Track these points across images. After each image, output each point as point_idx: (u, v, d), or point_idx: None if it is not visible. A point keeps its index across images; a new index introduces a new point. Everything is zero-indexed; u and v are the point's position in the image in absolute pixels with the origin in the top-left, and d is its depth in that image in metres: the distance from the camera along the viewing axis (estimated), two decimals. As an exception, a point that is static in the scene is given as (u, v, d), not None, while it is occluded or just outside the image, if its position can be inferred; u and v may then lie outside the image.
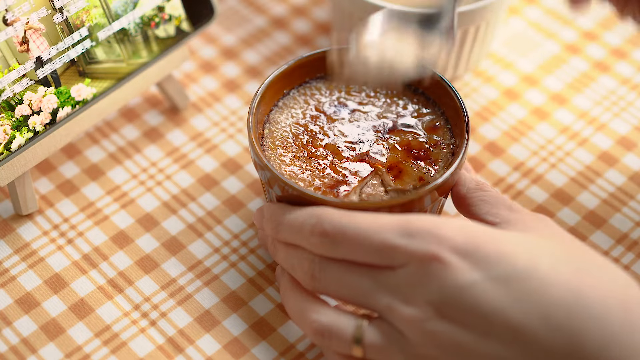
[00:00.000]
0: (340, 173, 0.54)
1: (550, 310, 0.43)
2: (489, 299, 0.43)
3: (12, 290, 0.56)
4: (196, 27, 0.63)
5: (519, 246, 0.45)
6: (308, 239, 0.48)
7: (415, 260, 0.45)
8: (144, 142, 0.65)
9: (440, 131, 0.56)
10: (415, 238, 0.45)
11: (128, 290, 0.56)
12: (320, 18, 0.75)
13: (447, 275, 0.44)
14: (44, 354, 0.53)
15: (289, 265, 0.50)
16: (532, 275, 0.44)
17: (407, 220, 0.46)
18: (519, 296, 0.43)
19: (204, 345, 0.54)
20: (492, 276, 0.44)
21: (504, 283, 0.43)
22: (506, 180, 0.63)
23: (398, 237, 0.45)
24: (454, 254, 0.44)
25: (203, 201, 0.61)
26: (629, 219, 0.61)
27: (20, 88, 0.55)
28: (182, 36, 0.62)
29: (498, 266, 0.44)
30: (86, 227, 0.59)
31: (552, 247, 0.46)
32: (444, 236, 0.45)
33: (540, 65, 0.71)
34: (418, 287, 0.45)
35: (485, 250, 0.44)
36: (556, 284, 0.43)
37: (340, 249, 0.47)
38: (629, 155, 0.65)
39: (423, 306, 0.44)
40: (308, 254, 0.48)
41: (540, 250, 0.45)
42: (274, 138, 0.56)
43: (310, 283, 0.48)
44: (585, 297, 0.43)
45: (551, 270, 0.44)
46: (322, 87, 0.58)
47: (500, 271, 0.44)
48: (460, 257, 0.44)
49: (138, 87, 0.62)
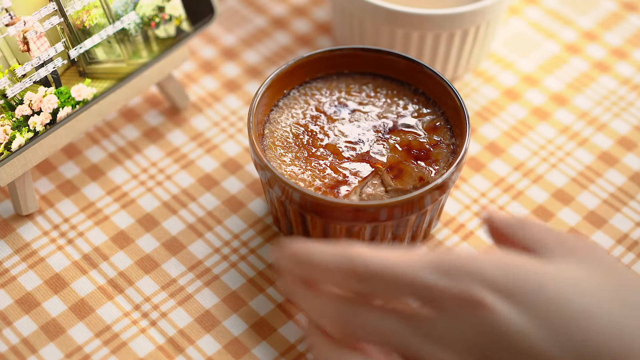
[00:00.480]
0: (341, 173, 0.54)
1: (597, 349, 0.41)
2: (534, 340, 0.41)
3: (13, 291, 0.56)
4: (196, 27, 0.63)
5: (561, 280, 0.42)
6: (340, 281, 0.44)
7: (452, 302, 0.42)
8: (144, 142, 0.65)
9: (441, 131, 0.56)
10: (450, 276, 0.42)
11: (128, 290, 0.56)
12: (320, 18, 0.75)
13: (489, 317, 0.41)
14: (44, 354, 0.53)
15: (315, 311, 0.45)
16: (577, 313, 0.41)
17: (440, 257, 0.43)
18: (565, 336, 0.41)
19: (204, 346, 0.54)
20: (536, 316, 0.41)
21: (548, 323, 0.41)
22: (506, 181, 0.63)
23: (432, 275, 0.42)
24: (493, 294, 0.41)
25: (203, 201, 0.61)
26: (629, 219, 0.61)
27: (21, 88, 0.55)
28: (182, 36, 0.62)
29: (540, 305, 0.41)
30: (86, 227, 0.59)
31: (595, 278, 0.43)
32: (480, 273, 0.42)
33: (541, 66, 0.71)
34: (459, 331, 0.42)
35: (526, 287, 0.41)
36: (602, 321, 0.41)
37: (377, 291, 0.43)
38: (629, 155, 0.65)
39: (464, 351, 0.42)
40: (337, 299, 0.45)
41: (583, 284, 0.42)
42: (274, 138, 0.56)
43: (341, 330, 0.44)
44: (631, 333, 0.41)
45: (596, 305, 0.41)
46: (322, 87, 0.58)
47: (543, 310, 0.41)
48: (500, 297, 0.41)
49: (138, 87, 0.62)
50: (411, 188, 0.53)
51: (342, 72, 0.59)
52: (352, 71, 0.59)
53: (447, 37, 0.64)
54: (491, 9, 0.63)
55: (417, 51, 0.65)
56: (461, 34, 0.64)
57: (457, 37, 0.64)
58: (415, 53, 0.65)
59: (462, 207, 0.61)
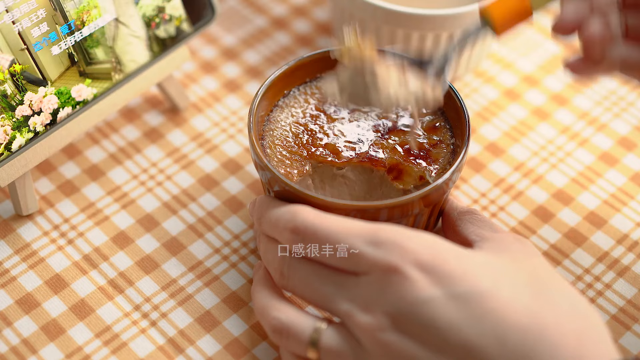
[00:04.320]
0: None
1: (506, 333, 0.43)
2: (446, 316, 0.43)
3: (13, 291, 0.56)
4: (196, 28, 0.63)
5: (484, 267, 0.45)
6: (281, 233, 0.48)
7: (377, 270, 0.45)
8: (144, 142, 0.65)
9: (441, 131, 0.56)
10: (381, 248, 0.45)
11: (128, 290, 0.56)
12: (321, 18, 0.75)
13: (406, 288, 0.44)
14: (44, 355, 0.53)
15: (265, 258, 0.51)
16: (492, 296, 0.44)
17: (377, 229, 0.46)
18: (477, 316, 0.43)
19: (205, 346, 0.54)
20: (452, 294, 0.44)
21: (463, 302, 0.43)
22: (506, 181, 0.63)
23: (365, 244, 0.46)
24: (415, 268, 0.44)
25: (203, 201, 0.61)
26: (629, 219, 0.61)
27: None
28: (182, 36, 0.62)
29: (459, 284, 0.44)
30: (86, 228, 0.59)
31: (519, 270, 0.46)
32: (409, 249, 0.45)
33: (541, 66, 0.71)
34: (377, 297, 0.45)
35: (449, 267, 0.45)
36: (515, 307, 0.43)
37: (309, 247, 0.47)
38: (629, 155, 0.65)
39: (380, 316, 0.44)
40: (282, 251, 0.49)
41: (505, 273, 0.45)
42: (274, 138, 0.56)
43: (279, 280, 0.49)
44: (542, 324, 0.43)
45: (512, 293, 0.44)
46: (322, 86, 0.58)
47: (461, 290, 0.44)
48: (422, 271, 0.44)
49: (138, 88, 0.62)
50: (412, 188, 0.53)
51: (342, 73, 0.59)
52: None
53: (447, 38, 0.64)
54: (491, 9, 0.63)
55: (417, 51, 0.65)
56: (461, 34, 0.64)
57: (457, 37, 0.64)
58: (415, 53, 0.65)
59: (462, 208, 0.61)
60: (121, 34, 0.55)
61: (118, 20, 0.55)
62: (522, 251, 0.48)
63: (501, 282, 0.45)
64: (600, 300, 0.56)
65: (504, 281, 0.45)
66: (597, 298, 0.56)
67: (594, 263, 0.58)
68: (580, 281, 0.57)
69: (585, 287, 0.57)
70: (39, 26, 0.55)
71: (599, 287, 0.57)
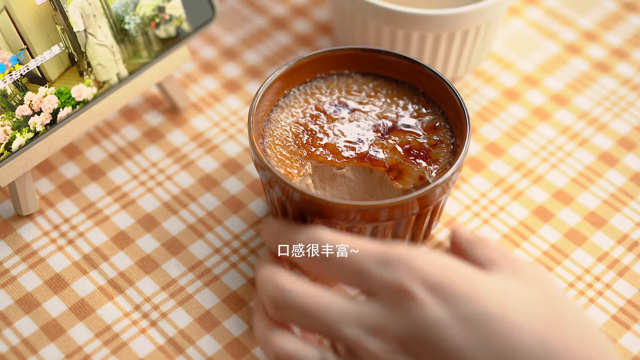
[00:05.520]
0: None
1: (513, 356, 0.42)
2: (453, 338, 0.43)
3: (13, 291, 0.56)
4: (196, 28, 0.63)
5: (494, 289, 0.45)
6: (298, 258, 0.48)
7: (386, 291, 0.44)
8: (144, 142, 0.65)
9: (440, 131, 0.56)
10: (389, 267, 0.45)
11: (128, 290, 0.56)
12: (321, 18, 0.75)
13: (415, 310, 0.43)
14: (44, 355, 0.53)
15: (260, 289, 0.49)
16: (501, 318, 0.43)
17: (387, 248, 0.46)
18: (484, 339, 0.43)
19: (205, 346, 0.54)
20: (460, 315, 0.43)
21: (471, 323, 0.43)
22: (506, 181, 0.63)
23: (375, 264, 0.45)
24: (424, 288, 0.44)
25: (203, 201, 0.61)
26: (629, 219, 0.61)
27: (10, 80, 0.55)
28: (182, 36, 0.62)
29: (467, 306, 0.43)
30: (87, 228, 0.59)
31: (529, 293, 0.45)
32: (418, 269, 0.44)
33: (541, 66, 0.71)
34: (386, 320, 0.44)
35: (457, 288, 0.44)
36: (523, 330, 0.43)
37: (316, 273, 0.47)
38: (629, 155, 0.65)
39: (390, 340, 0.44)
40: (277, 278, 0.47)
41: (515, 296, 0.45)
42: (274, 137, 0.56)
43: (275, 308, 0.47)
44: (552, 349, 0.43)
45: (521, 315, 0.43)
46: (322, 86, 0.58)
47: (469, 311, 0.43)
48: (430, 292, 0.44)
49: (138, 88, 0.62)
50: (412, 188, 0.53)
51: (343, 73, 0.59)
52: (352, 71, 0.59)
53: (448, 38, 0.64)
54: (491, 9, 0.63)
55: (418, 51, 0.65)
56: (461, 34, 0.64)
57: (458, 37, 0.64)
58: (415, 53, 0.65)
59: (462, 208, 0.61)
60: (90, 43, 0.57)
61: (86, 31, 0.57)
62: (534, 275, 0.47)
63: (510, 304, 0.44)
64: (600, 300, 0.56)
65: (513, 303, 0.44)
66: (597, 298, 0.56)
67: (594, 263, 0.58)
68: (580, 281, 0.57)
69: (585, 287, 0.57)
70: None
71: (599, 287, 0.57)
